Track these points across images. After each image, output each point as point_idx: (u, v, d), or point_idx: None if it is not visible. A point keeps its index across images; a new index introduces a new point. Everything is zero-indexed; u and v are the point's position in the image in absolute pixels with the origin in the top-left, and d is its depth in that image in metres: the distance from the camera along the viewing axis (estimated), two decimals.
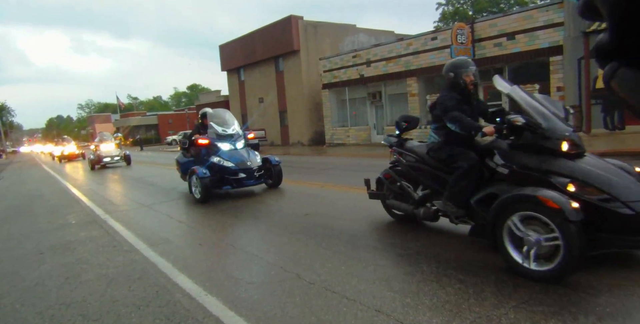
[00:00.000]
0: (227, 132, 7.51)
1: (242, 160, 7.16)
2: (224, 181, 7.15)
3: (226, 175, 7.08)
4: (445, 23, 41.54)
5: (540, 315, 2.36)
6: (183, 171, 8.30)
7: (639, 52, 0.46)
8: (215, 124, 7.56)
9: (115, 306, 2.99)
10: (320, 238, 4.33)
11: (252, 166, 7.18)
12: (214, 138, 7.43)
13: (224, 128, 7.54)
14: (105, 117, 76.45)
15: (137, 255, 4.25)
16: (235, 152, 7.33)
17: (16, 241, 5.35)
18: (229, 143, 7.42)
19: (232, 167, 7.05)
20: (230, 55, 30.56)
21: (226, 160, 7.10)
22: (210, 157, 7.22)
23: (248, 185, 7.33)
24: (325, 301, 2.79)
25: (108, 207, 7.38)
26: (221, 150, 7.28)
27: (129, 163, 17.89)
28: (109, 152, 17.34)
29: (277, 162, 7.80)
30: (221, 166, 7.06)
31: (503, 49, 13.80)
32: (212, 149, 7.36)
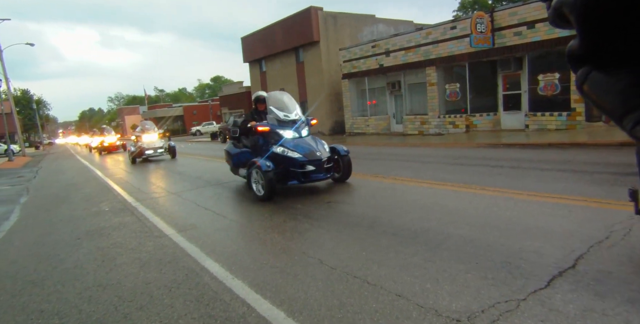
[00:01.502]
0: (289, 118, 6.46)
1: (311, 150, 6.16)
2: (289, 175, 6.17)
3: (292, 167, 6.09)
4: (464, 12, 40.57)
5: (558, 301, 2.40)
6: (235, 163, 7.37)
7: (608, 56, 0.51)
8: (275, 109, 6.52)
9: (148, 288, 3.17)
10: (342, 225, 4.43)
11: (321, 157, 6.16)
12: (274, 125, 6.40)
13: (285, 114, 6.48)
14: (133, 109, 78.24)
15: (166, 240, 4.45)
16: (300, 141, 6.30)
17: (55, 227, 5.65)
18: (292, 131, 6.38)
19: (300, 158, 6.05)
20: (251, 47, 30.74)
21: (291, 150, 6.10)
22: (271, 147, 6.25)
23: (317, 179, 6.30)
24: (347, 286, 2.89)
25: (138, 195, 7.66)
26: (284, 138, 6.27)
27: (174, 156, 15.47)
28: (152, 143, 15.02)
29: (345, 151, 6.75)
30: (286, 158, 6.09)
31: (523, 37, 13.43)
32: (273, 138, 6.36)
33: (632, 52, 0.46)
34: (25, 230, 5.63)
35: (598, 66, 0.52)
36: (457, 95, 16.20)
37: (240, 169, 7.15)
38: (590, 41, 0.50)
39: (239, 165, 7.15)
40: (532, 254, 3.13)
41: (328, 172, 6.41)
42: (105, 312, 2.82)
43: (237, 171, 7.33)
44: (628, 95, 0.49)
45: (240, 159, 7.08)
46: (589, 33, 0.49)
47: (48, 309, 2.94)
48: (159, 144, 15.17)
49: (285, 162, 6.11)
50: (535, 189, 5.21)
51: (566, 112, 12.66)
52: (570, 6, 0.50)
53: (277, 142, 6.27)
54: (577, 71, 0.56)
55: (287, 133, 6.34)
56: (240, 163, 7.08)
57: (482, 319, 2.28)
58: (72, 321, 2.72)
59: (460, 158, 8.93)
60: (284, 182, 6.20)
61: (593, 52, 0.51)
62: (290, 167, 6.10)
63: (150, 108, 64.31)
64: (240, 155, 7.18)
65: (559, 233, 3.57)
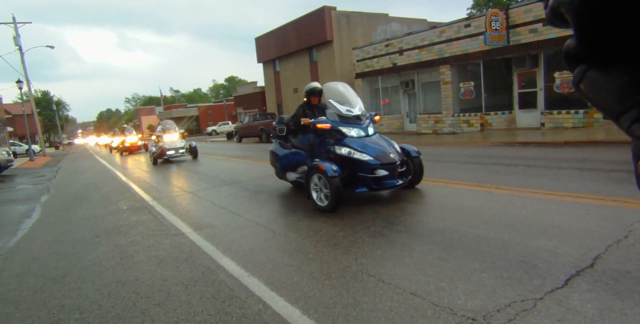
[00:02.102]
0: (352, 113, 5.49)
1: (383, 152, 5.16)
2: (355, 181, 5.16)
3: (360, 172, 5.09)
4: (478, 10, 40.15)
5: (576, 301, 2.37)
6: (282, 166, 6.45)
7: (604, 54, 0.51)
8: (335, 102, 5.57)
9: (166, 285, 3.22)
10: (356, 223, 4.43)
11: (395, 160, 5.16)
12: (335, 122, 5.43)
13: (348, 108, 5.50)
14: (150, 110, 79.43)
15: (183, 238, 4.52)
16: (369, 140, 5.32)
17: (75, 225, 5.79)
18: (358, 128, 5.41)
19: (371, 161, 5.05)
20: (265, 47, 30.91)
21: (359, 151, 5.13)
22: (333, 148, 5.32)
23: (390, 186, 5.19)
24: (362, 284, 2.90)
25: (155, 194, 7.79)
26: (348, 137, 5.33)
27: (195, 157, 14.82)
28: (172, 142, 14.32)
29: (416, 152, 5.78)
30: (353, 161, 5.12)
31: (539, 35, 13.23)
32: (333, 136, 5.43)
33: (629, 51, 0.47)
34: (47, 228, 5.78)
35: (594, 65, 0.53)
36: (471, 94, 16.04)
37: (289, 173, 6.33)
38: (587, 40, 0.50)
39: (287, 169, 6.34)
40: (549, 253, 3.10)
41: (402, 178, 5.37)
42: (124, 308, 2.88)
43: (284, 175, 6.48)
44: (624, 94, 0.49)
45: (290, 161, 6.27)
46: (586, 32, 0.50)
47: (69, 305, 3.02)
48: (180, 144, 14.47)
49: (352, 166, 5.13)
50: (551, 188, 5.14)
51: (583, 109, 12.44)
52: (567, 5, 0.51)
53: (339, 141, 5.32)
54: (573, 70, 0.56)
55: (352, 131, 5.38)
56: (290, 166, 6.30)
57: (498, 318, 2.27)
58: (92, 316, 2.79)
59: (475, 157, 8.85)
60: (350, 190, 5.16)
61: (589, 50, 0.51)
62: (359, 172, 5.08)
63: (166, 109, 65.25)
64: (289, 157, 6.31)
65: (576, 232, 3.52)
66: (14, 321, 2.84)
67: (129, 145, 22.00)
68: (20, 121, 38.29)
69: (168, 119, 17.64)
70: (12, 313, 2.97)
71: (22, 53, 27.00)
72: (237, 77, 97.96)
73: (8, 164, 15.58)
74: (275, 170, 6.81)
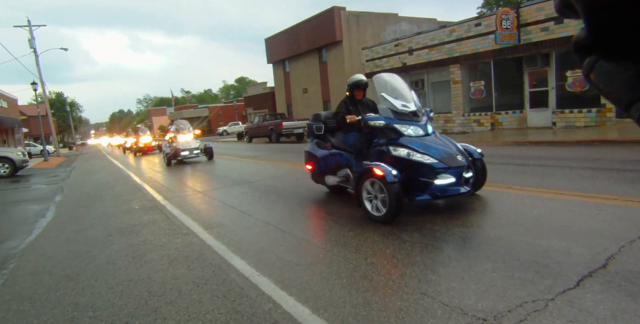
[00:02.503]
0: (408, 108, 4.76)
1: (448, 153, 4.44)
2: (415, 187, 4.41)
3: (422, 177, 4.35)
4: (489, 8, 39.81)
5: (588, 302, 2.35)
6: (321, 169, 5.79)
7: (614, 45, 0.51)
8: (389, 96, 4.86)
9: (177, 284, 3.26)
10: (366, 223, 4.43)
11: (464, 163, 4.46)
12: (389, 118, 4.72)
13: (403, 103, 4.78)
14: (161, 110, 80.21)
15: (194, 237, 4.56)
16: (429, 140, 4.60)
17: (89, 224, 5.87)
18: (415, 126, 4.70)
19: (436, 165, 4.31)
20: (275, 48, 31.02)
21: (421, 152, 4.41)
22: (387, 148, 4.60)
23: (456, 193, 4.42)
24: (372, 283, 2.90)
25: (166, 194, 7.86)
26: (404, 136, 4.62)
27: (210, 157, 14.19)
28: (187, 143, 13.84)
29: (479, 154, 5.06)
30: (414, 164, 4.37)
31: (550, 33, 13.08)
32: (386, 135, 4.71)
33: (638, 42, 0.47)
34: (60, 227, 5.87)
35: (604, 56, 0.53)
36: (481, 93, 15.92)
37: (328, 177, 5.68)
38: (596, 31, 0.50)
39: (326, 172, 5.69)
40: (561, 253, 3.07)
41: (467, 184, 4.58)
42: (137, 306, 2.92)
43: (322, 179, 5.86)
44: (634, 84, 0.49)
45: (329, 164, 5.60)
46: (595, 23, 0.50)
47: (82, 303, 3.07)
48: (194, 145, 13.92)
49: (410, 170, 4.37)
50: (563, 187, 5.08)
51: (595, 108, 12.28)
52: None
53: (393, 140, 4.61)
54: (583, 61, 0.56)
55: (410, 130, 4.65)
56: (329, 169, 5.63)
57: (509, 318, 2.26)
58: (106, 314, 2.83)
59: (485, 156, 8.76)
60: (412, 197, 4.44)
61: (599, 41, 0.51)
62: (420, 177, 4.35)
63: (176, 110, 65.85)
64: (328, 159, 5.61)
65: (588, 232, 3.48)
66: (30, 318, 2.90)
67: (143, 145, 21.60)
68: (35, 122, 38.94)
69: (182, 119, 16.88)
70: (27, 310, 3.03)
71: (36, 55, 27.46)
72: (247, 78, 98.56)
73: (23, 164, 15.85)
74: (311, 173, 6.13)
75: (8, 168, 15.21)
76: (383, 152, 4.64)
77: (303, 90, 28.94)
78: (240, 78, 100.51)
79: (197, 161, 14.28)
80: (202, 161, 14.17)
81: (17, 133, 35.26)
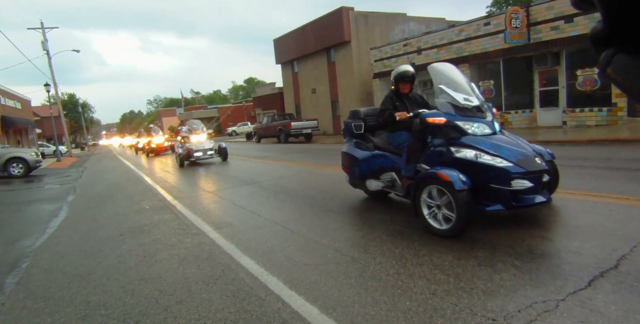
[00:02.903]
0: (472, 103, 4.08)
1: (525, 155, 3.74)
2: (485, 195, 3.71)
3: (493, 183, 3.64)
4: (498, 7, 39.50)
5: (600, 302, 2.33)
6: (362, 172, 5.16)
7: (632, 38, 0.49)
8: (448, 89, 4.15)
9: (187, 283, 3.29)
10: (375, 223, 4.43)
11: (544, 167, 3.75)
12: (451, 114, 4.02)
13: (466, 96, 4.10)
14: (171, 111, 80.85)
15: (203, 237, 4.60)
16: (499, 139, 3.89)
17: (100, 223, 5.95)
18: (481, 123, 4.00)
19: (511, 169, 3.60)
20: (284, 49, 31.10)
21: (492, 154, 3.71)
22: (448, 149, 3.91)
23: (534, 203, 3.69)
24: (380, 283, 2.90)
25: (176, 194, 7.93)
26: (469, 135, 3.92)
27: (225, 158, 13.71)
28: (200, 143, 13.35)
29: (550, 155, 4.25)
30: (483, 167, 3.67)
31: (560, 32, 12.95)
32: (446, 134, 4.01)
33: None
34: (73, 227, 5.95)
35: (622, 48, 0.52)
36: (491, 93, 15.81)
37: (370, 181, 5.08)
38: (615, 23, 0.49)
39: (368, 175, 5.11)
40: (571, 254, 3.04)
41: (545, 191, 3.89)
42: (147, 304, 2.95)
43: (362, 183, 5.24)
44: None
45: (372, 166, 5.02)
46: (613, 15, 0.49)
47: (94, 301, 3.11)
48: (208, 145, 13.40)
49: (479, 174, 3.67)
50: (574, 187, 5.03)
51: (606, 107, 12.13)
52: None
53: (455, 140, 3.93)
54: (600, 54, 0.55)
55: (474, 127, 3.96)
56: (371, 173, 5.05)
57: (519, 319, 2.25)
58: (117, 313, 2.87)
59: None
60: (482, 206, 3.75)
61: (617, 34, 0.50)
62: (491, 183, 3.65)
63: (186, 110, 66.34)
64: (371, 161, 5.03)
65: (600, 232, 3.45)
66: (43, 316, 2.95)
67: (155, 146, 21.11)
68: (47, 123, 39.49)
69: (194, 119, 16.12)
70: (41, 308, 3.08)
71: (49, 57, 27.86)
72: (255, 78, 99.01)
73: (37, 165, 16.11)
74: (348, 176, 5.56)
75: (22, 168, 15.46)
76: (442, 153, 3.95)
77: (311, 91, 28.98)
78: (249, 79, 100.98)
79: (211, 162, 13.89)
80: (216, 162, 13.76)
81: (31, 134, 35.79)
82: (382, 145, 5.00)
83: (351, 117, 5.58)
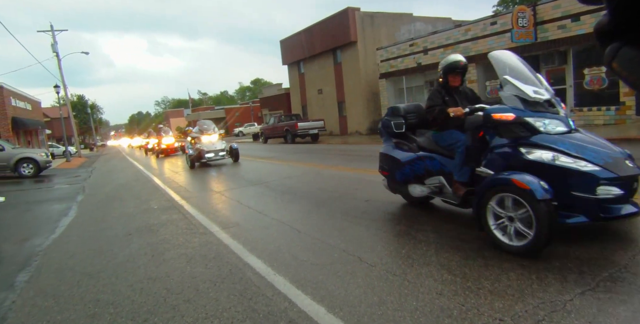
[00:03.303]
0: (543, 97, 3.49)
1: (613, 157, 3.19)
2: (568, 204, 3.15)
3: (576, 190, 3.11)
4: (504, 7, 39.26)
5: (608, 303, 2.31)
6: (404, 176, 4.63)
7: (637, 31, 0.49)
8: (515, 80, 3.60)
9: (195, 282, 3.31)
10: (381, 223, 4.43)
11: (636, 171, 3.21)
12: (519, 110, 3.45)
13: (536, 89, 3.52)
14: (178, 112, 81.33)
15: (211, 236, 4.63)
16: (578, 138, 3.35)
17: (109, 223, 6.01)
18: (555, 120, 3.43)
19: (598, 173, 3.06)
20: (290, 50, 31.17)
21: (573, 156, 3.17)
22: (516, 151, 3.39)
23: (626, 214, 3.11)
24: (387, 283, 2.90)
25: (184, 194, 7.98)
26: (541, 133, 3.35)
27: (236, 159, 13.41)
28: (211, 144, 12.93)
29: None
30: (563, 171, 3.13)
31: (567, 31, 12.86)
32: (513, 133, 3.46)
33: None
34: (82, 226, 6.02)
35: (629, 42, 0.51)
36: (498, 92, 15.72)
37: (414, 186, 4.55)
38: (621, 16, 0.49)
39: (411, 180, 4.58)
40: (580, 254, 3.02)
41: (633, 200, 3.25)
42: (155, 303, 2.98)
43: (403, 188, 4.74)
44: None
45: (416, 170, 4.50)
46: (619, 8, 0.49)
47: (103, 299, 3.15)
48: (219, 146, 12.96)
49: (558, 180, 3.12)
50: None
51: (615, 106, 12.02)
52: None
53: (523, 140, 3.39)
54: (605, 48, 0.55)
55: (548, 125, 3.40)
56: (415, 177, 4.54)
57: (526, 319, 2.24)
58: (126, 311, 2.90)
59: None
60: (563, 218, 3.16)
61: (623, 27, 0.50)
62: (574, 190, 3.12)
63: (193, 111, 66.70)
64: (415, 164, 4.50)
65: (609, 233, 3.41)
66: (53, 314, 2.98)
67: (166, 146, 20.65)
68: (57, 124, 39.88)
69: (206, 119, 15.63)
70: (51, 306, 3.12)
71: (59, 59, 28.17)
72: (262, 79, 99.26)
73: (47, 165, 16.31)
74: (386, 180, 5.01)
75: (32, 168, 15.66)
76: (509, 155, 3.44)
77: (318, 91, 29.00)
78: (255, 80, 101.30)
79: (222, 163, 13.61)
80: (228, 163, 13.45)
81: (41, 135, 36.19)
82: (428, 146, 4.47)
83: (390, 114, 5.02)
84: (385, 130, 4.99)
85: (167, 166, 15.73)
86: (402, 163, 4.63)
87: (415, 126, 4.87)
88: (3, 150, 15.48)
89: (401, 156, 4.68)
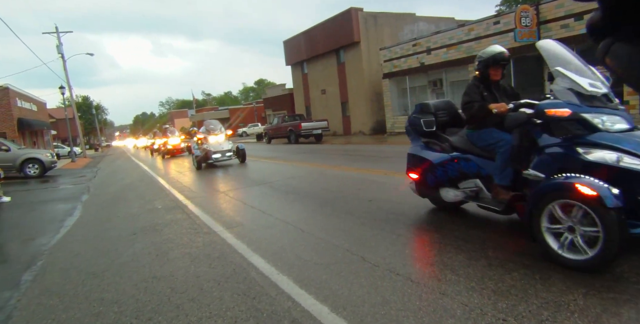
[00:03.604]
0: (600, 90, 3.11)
1: None
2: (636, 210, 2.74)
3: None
4: (507, 6, 39.14)
5: (611, 302, 2.30)
6: (436, 179, 4.26)
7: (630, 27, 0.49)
8: (569, 72, 3.21)
9: (199, 281, 3.32)
10: (384, 222, 4.43)
11: None
12: (575, 105, 3.06)
13: (591, 82, 3.14)
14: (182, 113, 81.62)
15: (215, 236, 4.64)
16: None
17: (114, 223, 6.04)
18: (615, 116, 3.05)
19: None
20: (293, 50, 31.21)
21: None
22: (571, 150, 3.02)
23: None
24: (390, 283, 2.90)
25: (188, 194, 8.01)
26: (600, 131, 2.97)
27: (243, 160, 13.17)
28: (218, 144, 12.69)
29: None
30: (629, 174, 2.74)
31: (570, 30, 12.82)
32: (567, 131, 3.10)
33: None
34: (87, 226, 6.05)
35: (620, 38, 0.52)
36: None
37: (447, 190, 4.18)
38: (612, 13, 0.50)
39: (444, 183, 4.21)
40: None
41: None
42: (160, 302, 2.99)
43: (434, 192, 4.39)
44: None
45: (449, 172, 4.11)
46: (611, 5, 0.49)
47: (108, 298, 3.16)
48: (226, 146, 12.74)
49: (625, 184, 2.71)
50: None
51: None
52: None
53: (580, 138, 3.02)
54: (598, 43, 0.56)
55: (608, 121, 3.00)
56: (448, 180, 4.15)
57: (530, 319, 2.23)
58: (130, 310, 2.91)
59: None
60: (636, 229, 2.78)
61: (615, 23, 0.50)
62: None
63: (197, 112, 66.89)
64: (449, 166, 4.11)
65: None
66: (58, 312, 3.00)
67: (172, 147, 20.31)
68: (62, 124, 40.15)
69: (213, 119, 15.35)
70: (56, 305, 3.14)
71: (64, 60, 28.34)
72: (266, 80, 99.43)
73: (52, 165, 16.42)
74: (414, 183, 4.62)
75: (38, 168, 15.76)
76: (563, 156, 3.07)
77: (321, 92, 29.02)
78: (259, 81, 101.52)
79: (229, 164, 13.39)
80: (235, 164, 13.23)
81: (46, 136, 36.38)
82: (462, 146, 4.06)
83: (418, 111, 4.60)
84: (414, 129, 4.57)
85: (172, 167, 15.65)
86: (434, 164, 4.23)
87: (446, 124, 4.50)
88: (9, 150, 15.59)
89: (433, 157, 4.27)
